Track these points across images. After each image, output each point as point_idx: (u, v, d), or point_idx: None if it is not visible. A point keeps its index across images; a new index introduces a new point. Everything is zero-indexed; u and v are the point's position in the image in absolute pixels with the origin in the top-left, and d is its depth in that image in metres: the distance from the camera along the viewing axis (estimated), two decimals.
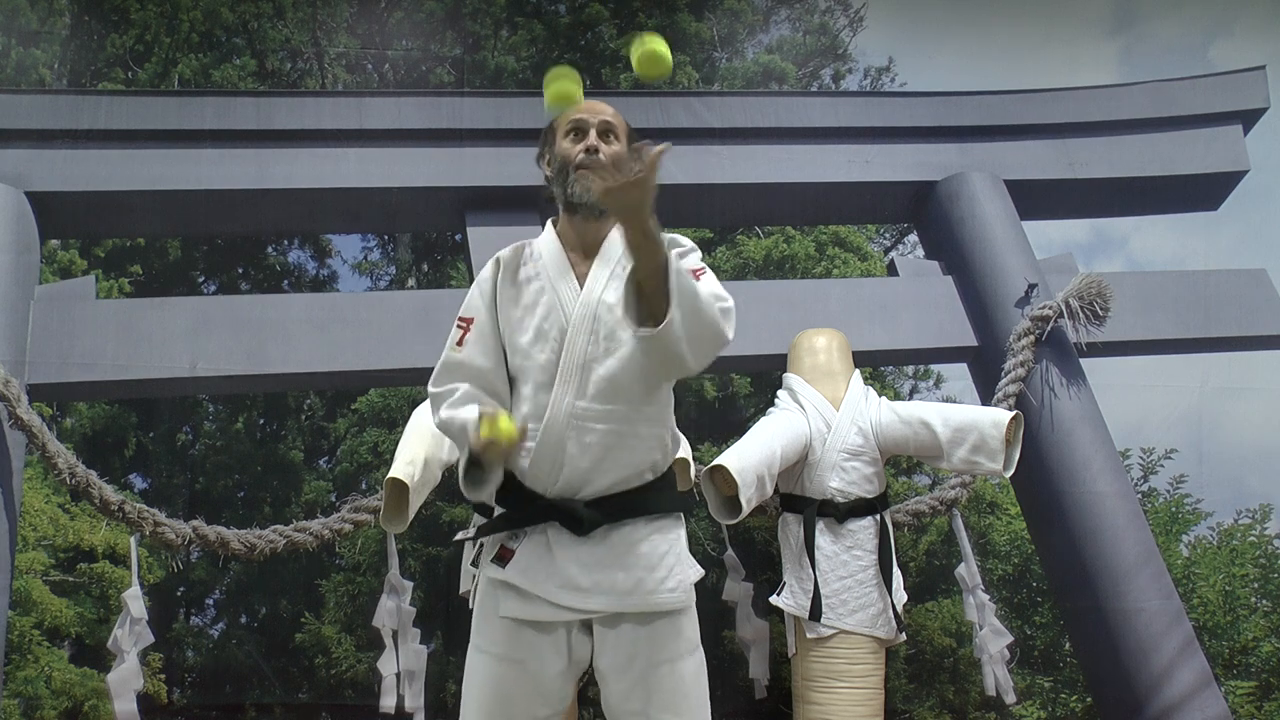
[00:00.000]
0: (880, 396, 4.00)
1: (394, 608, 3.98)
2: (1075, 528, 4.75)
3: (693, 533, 2.42)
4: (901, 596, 3.77)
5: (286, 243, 13.23)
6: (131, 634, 3.93)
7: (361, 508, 4.29)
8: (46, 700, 8.05)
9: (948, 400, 9.75)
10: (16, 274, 4.65)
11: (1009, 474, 3.82)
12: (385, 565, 4.13)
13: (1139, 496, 7.04)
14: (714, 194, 5.59)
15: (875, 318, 5.22)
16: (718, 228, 10.39)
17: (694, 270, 2.13)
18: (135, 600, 3.98)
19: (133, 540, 4.12)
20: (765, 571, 4.72)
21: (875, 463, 3.82)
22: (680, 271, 2.04)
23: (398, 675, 3.92)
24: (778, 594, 3.75)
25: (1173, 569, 6.30)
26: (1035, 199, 5.72)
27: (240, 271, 13.02)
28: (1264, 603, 8.21)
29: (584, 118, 2.30)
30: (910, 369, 11.28)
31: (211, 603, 11.90)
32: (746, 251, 10.26)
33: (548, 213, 2.44)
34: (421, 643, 4.02)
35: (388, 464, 3.39)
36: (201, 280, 12.78)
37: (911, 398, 10.80)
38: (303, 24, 12.68)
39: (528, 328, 2.27)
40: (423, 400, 3.35)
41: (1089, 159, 5.82)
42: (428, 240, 13.13)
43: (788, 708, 3.83)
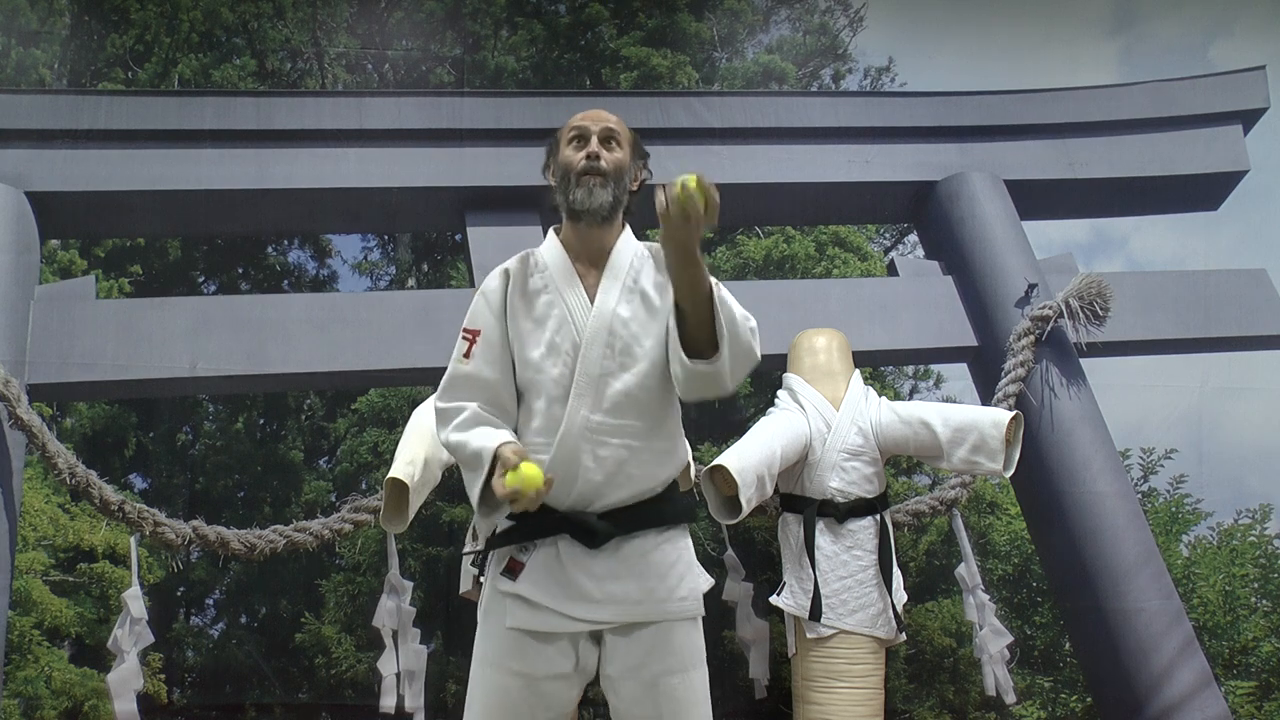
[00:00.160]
0: (880, 396, 4.00)
1: (394, 608, 3.98)
2: (1075, 528, 4.75)
3: (693, 533, 2.41)
4: (901, 596, 3.77)
5: (286, 243, 13.21)
6: (131, 634, 3.94)
7: (361, 508, 4.29)
8: (46, 700, 8.04)
9: (948, 400, 9.74)
10: (16, 274, 4.66)
11: (1009, 474, 3.82)
12: (385, 565, 4.13)
13: (1139, 496, 7.04)
14: None
15: (875, 318, 5.23)
16: (718, 228, 10.39)
17: None
18: (135, 600, 3.98)
19: (133, 540, 4.13)
20: (765, 571, 4.72)
21: (875, 463, 3.82)
22: (724, 301, 2.10)
23: (398, 675, 3.92)
24: (778, 594, 3.75)
25: (1173, 569, 6.29)
26: (1035, 199, 5.73)
27: (240, 271, 13.01)
28: (1264, 603, 8.20)
29: (586, 125, 2.31)
30: (910, 369, 11.26)
31: (211, 603, 11.88)
32: (746, 251, 10.25)
33: (548, 213, 2.44)
34: (421, 643, 4.02)
35: (388, 464, 3.38)
36: (201, 280, 12.77)
37: (911, 398, 10.79)
38: (303, 24, 12.67)
39: (539, 341, 2.26)
40: (423, 400, 3.35)
41: (1089, 159, 5.82)
42: (428, 240, 13.12)
43: (788, 708, 3.83)
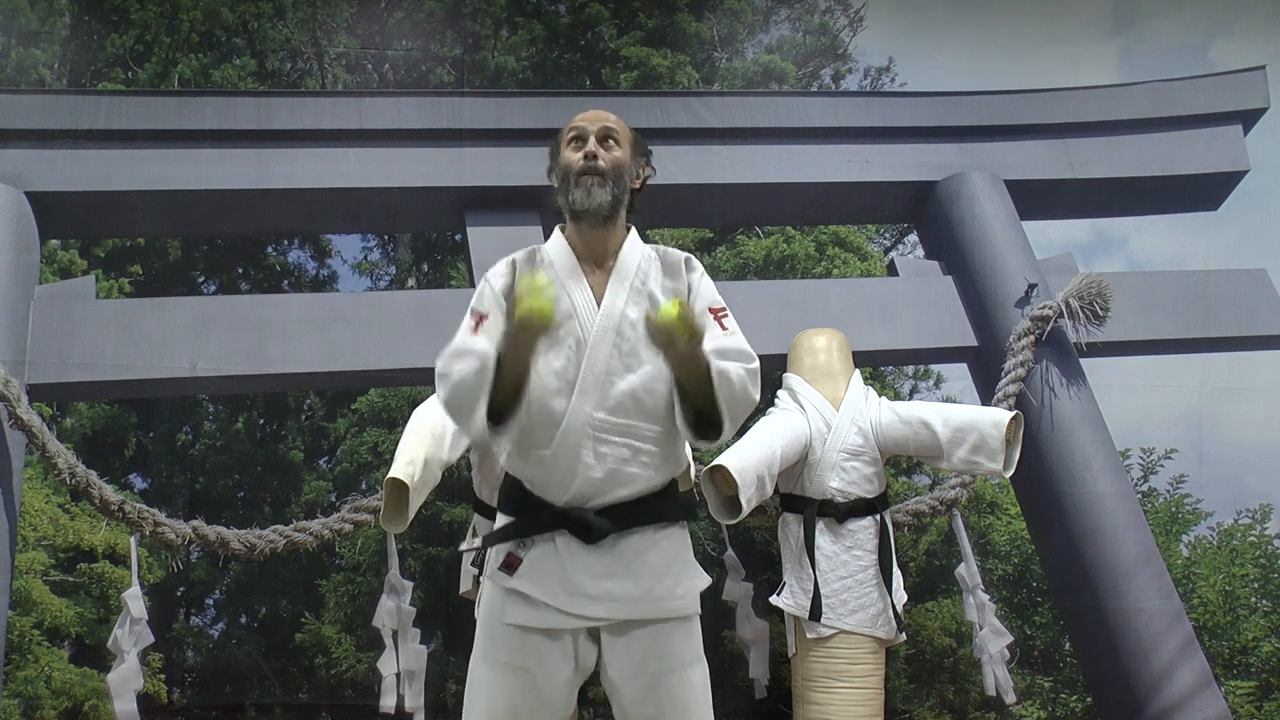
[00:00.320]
0: (880, 396, 4.00)
1: (394, 608, 3.98)
2: (1075, 528, 4.75)
3: (693, 533, 2.41)
4: (901, 596, 3.77)
5: (286, 243, 13.21)
6: (131, 634, 3.93)
7: (361, 508, 4.29)
8: (46, 700, 8.05)
9: (948, 400, 9.74)
10: (16, 274, 4.65)
11: (1009, 474, 3.82)
12: (385, 565, 4.13)
13: (1139, 496, 7.03)
14: (714, 194, 5.59)
15: (875, 318, 5.23)
16: (718, 228, 10.39)
17: (715, 311, 2.27)
18: (135, 600, 3.98)
19: (133, 540, 4.13)
20: (765, 571, 4.72)
21: (875, 463, 3.82)
22: (722, 374, 2.16)
23: (398, 675, 3.92)
24: (778, 594, 3.75)
25: (1173, 569, 6.29)
26: (1035, 199, 5.72)
27: (240, 271, 13.01)
28: (1264, 603, 8.20)
29: (584, 125, 2.32)
30: (910, 369, 11.26)
31: (211, 603, 11.89)
32: (746, 251, 10.25)
33: (548, 213, 2.44)
34: (421, 643, 4.02)
35: (388, 464, 3.38)
36: (201, 280, 12.77)
37: (911, 398, 10.79)
38: (303, 24, 12.67)
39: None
40: (423, 400, 3.35)
41: (1089, 159, 5.82)
42: (428, 240, 13.12)
43: (788, 708, 3.83)
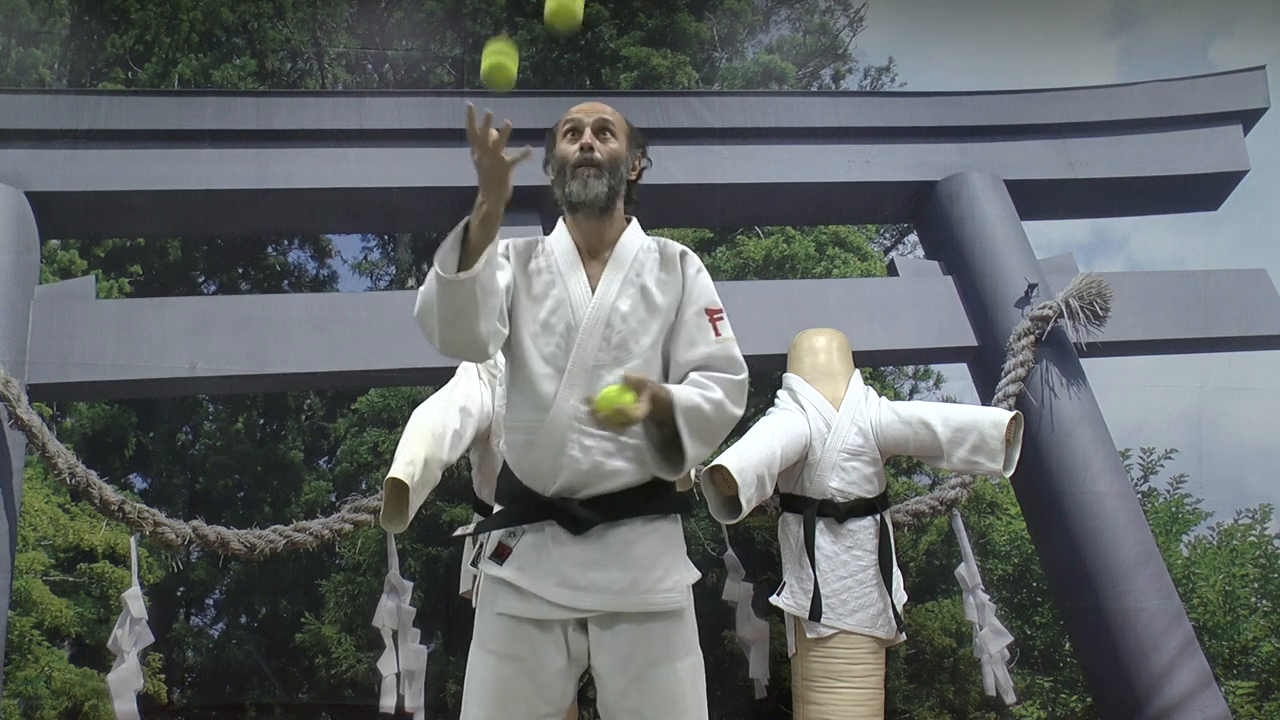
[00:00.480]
0: (880, 396, 4.00)
1: (394, 608, 3.98)
2: (1075, 528, 4.75)
3: (693, 533, 2.42)
4: (901, 596, 3.77)
5: (286, 243, 13.20)
6: (131, 634, 3.93)
7: (361, 508, 4.29)
8: (46, 700, 8.04)
9: (948, 400, 9.74)
10: (16, 274, 4.66)
11: (1009, 474, 3.82)
12: (385, 565, 4.13)
13: (1139, 496, 7.03)
14: (714, 194, 5.60)
15: (875, 318, 5.23)
16: (718, 228, 10.37)
17: (711, 312, 2.29)
18: (135, 600, 3.98)
19: (133, 540, 4.13)
20: (765, 571, 4.72)
21: (875, 463, 3.82)
22: (689, 410, 2.17)
23: (398, 675, 3.92)
24: (778, 594, 3.75)
25: (1173, 569, 6.29)
26: (1035, 199, 5.73)
27: (240, 271, 13.00)
28: (1264, 603, 8.20)
29: (579, 117, 2.33)
30: (910, 369, 11.25)
31: (211, 603, 11.87)
32: (746, 251, 10.24)
33: (549, 212, 2.44)
34: (421, 643, 4.02)
35: (388, 464, 3.38)
36: (201, 280, 12.76)
37: (911, 398, 10.78)
38: (303, 24, 12.66)
39: (533, 318, 2.28)
40: (423, 400, 3.35)
41: (1089, 159, 5.82)
42: (428, 240, 13.10)
43: (788, 708, 3.83)
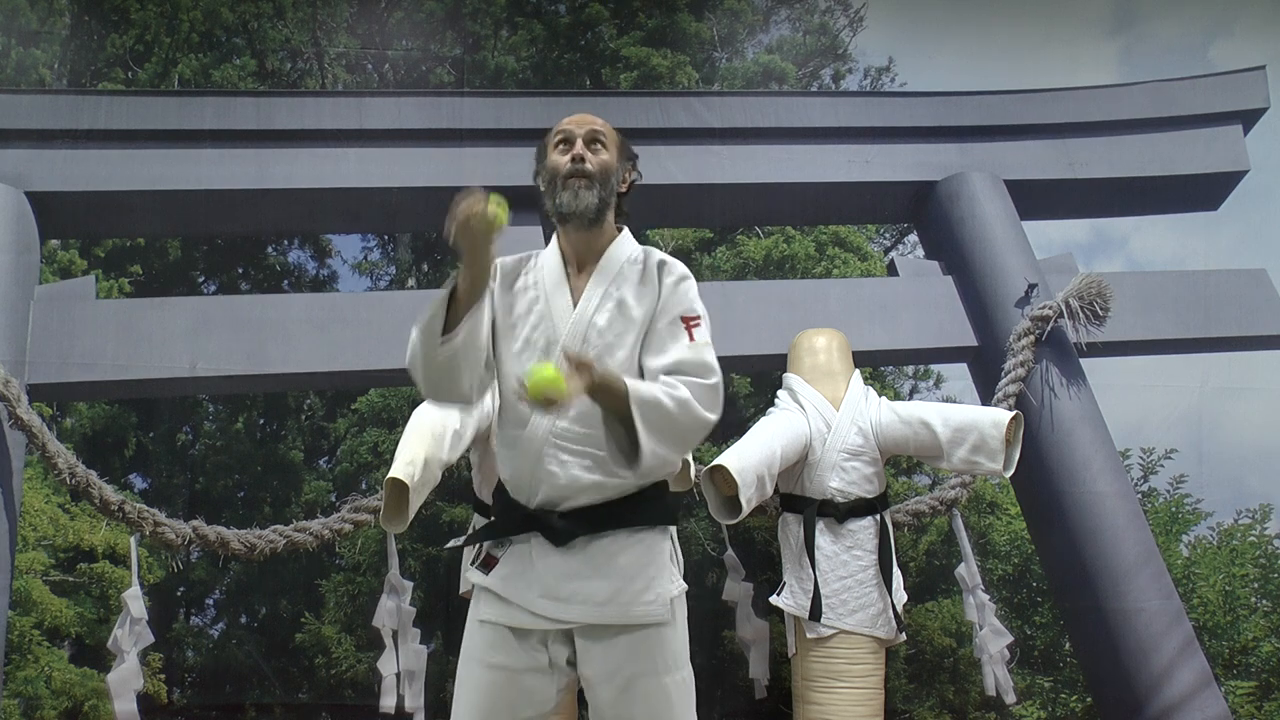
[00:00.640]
0: (880, 396, 4.00)
1: (394, 608, 3.98)
2: (1075, 528, 4.75)
3: (693, 533, 2.42)
4: (901, 596, 3.77)
5: (286, 243, 13.20)
6: (131, 634, 3.93)
7: (361, 508, 4.29)
8: (46, 700, 8.04)
9: (948, 400, 9.74)
10: (16, 274, 4.66)
11: (1009, 474, 3.82)
12: (385, 565, 4.13)
13: (1139, 496, 7.03)
14: (714, 194, 5.59)
15: (875, 318, 5.23)
16: (718, 228, 10.37)
17: (687, 320, 2.22)
18: (135, 600, 3.98)
19: (133, 540, 4.13)
20: (765, 571, 4.72)
21: (875, 463, 3.82)
22: (646, 401, 2.09)
23: (398, 675, 3.93)
24: (778, 594, 3.75)
25: (1173, 569, 6.29)
26: (1035, 199, 5.73)
27: (240, 271, 13.00)
28: (1264, 603, 8.19)
29: (570, 129, 2.33)
30: (910, 369, 11.25)
31: (211, 603, 11.86)
32: (746, 251, 10.24)
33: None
34: (421, 643, 4.03)
35: (388, 464, 3.38)
36: (201, 280, 12.76)
37: (911, 398, 10.78)
38: (303, 24, 12.66)
39: (517, 336, 2.29)
40: (423, 400, 3.35)
41: (1089, 159, 5.82)
42: (428, 240, 13.10)
43: (788, 708, 3.83)
